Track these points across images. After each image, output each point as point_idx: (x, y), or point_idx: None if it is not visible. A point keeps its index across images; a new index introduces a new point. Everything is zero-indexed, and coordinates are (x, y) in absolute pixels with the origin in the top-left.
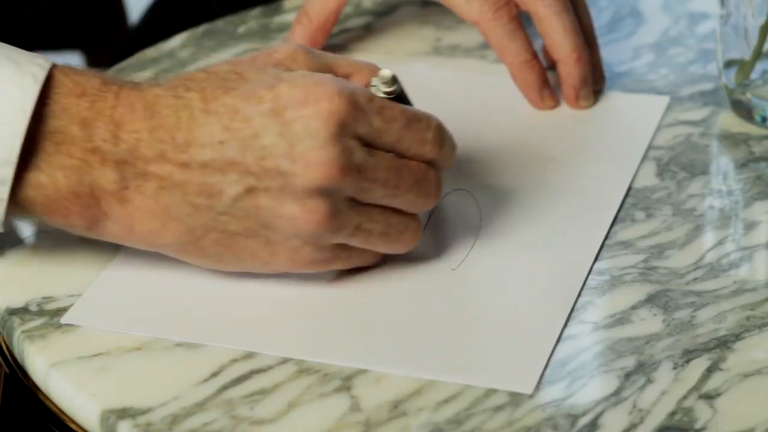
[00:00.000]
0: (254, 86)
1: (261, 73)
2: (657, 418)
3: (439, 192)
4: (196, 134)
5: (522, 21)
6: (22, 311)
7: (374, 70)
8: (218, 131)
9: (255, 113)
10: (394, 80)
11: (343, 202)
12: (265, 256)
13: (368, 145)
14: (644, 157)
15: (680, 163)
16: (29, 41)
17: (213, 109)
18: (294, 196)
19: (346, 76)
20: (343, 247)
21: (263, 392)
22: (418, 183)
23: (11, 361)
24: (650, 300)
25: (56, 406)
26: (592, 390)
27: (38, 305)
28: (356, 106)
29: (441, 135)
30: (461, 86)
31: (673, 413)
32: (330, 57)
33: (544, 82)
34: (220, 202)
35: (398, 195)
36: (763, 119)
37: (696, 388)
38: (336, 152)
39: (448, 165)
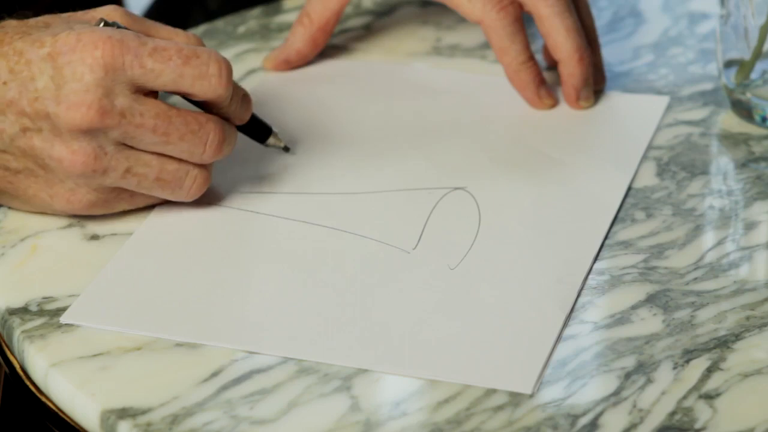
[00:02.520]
0: (44, 33)
1: (62, 24)
2: (657, 418)
3: (220, 143)
4: None
5: (523, 22)
6: (22, 311)
7: (192, 38)
8: (4, 73)
9: (35, 57)
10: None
11: (111, 145)
12: (45, 196)
13: (144, 90)
14: (644, 157)
15: (680, 163)
16: None
17: (4, 52)
18: (61, 138)
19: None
20: (122, 190)
21: (263, 392)
22: (192, 132)
23: (11, 361)
24: (650, 300)
25: (56, 406)
26: (592, 390)
27: (38, 305)
28: (126, 49)
29: (224, 70)
30: (461, 86)
31: (673, 413)
32: (150, 22)
33: (541, 82)
34: (1, 141)
35: (170, 143)
36: (763, 119)
37: (696, 388)
38: (97, 95)
39: (238, 112)
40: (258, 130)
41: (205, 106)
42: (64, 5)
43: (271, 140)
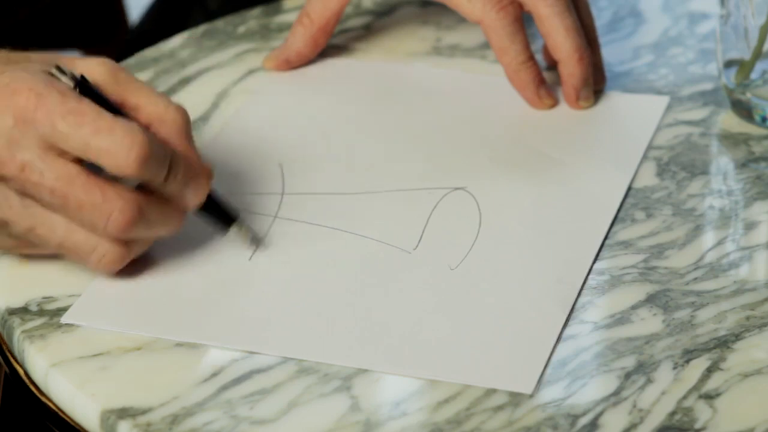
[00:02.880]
0: (0, 68)
1: (34, 62)
2: (657, 418)
3: (128, 222)
4: None
5: (523, 22)
6: (22, 311)
7: (171, 110)
8: None
9: None
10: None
11: (17, 198)
12: None
13: (55, 149)
14: (644, 157)
15: (680, 163)
16: (29, 41)
17: None
18: None
19: (136, 108)
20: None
21: (263, 392)
22: (92, 204)
23: (11, 361)
24: (650, 300)
25: (56, 406)
26: (592, 390)
27: (38, 305)
28: (41, 104)
29: (135, 150)
30: (461, 86)
31: (673, 413)
32: (135, 84)
33: (541, 82)
34: None
35: (68, 209)
36: (763, 119)
37: (696, 388)
38: (1, 143)
39: (180, 195)
40: (219, 216)
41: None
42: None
43: (234, 230)
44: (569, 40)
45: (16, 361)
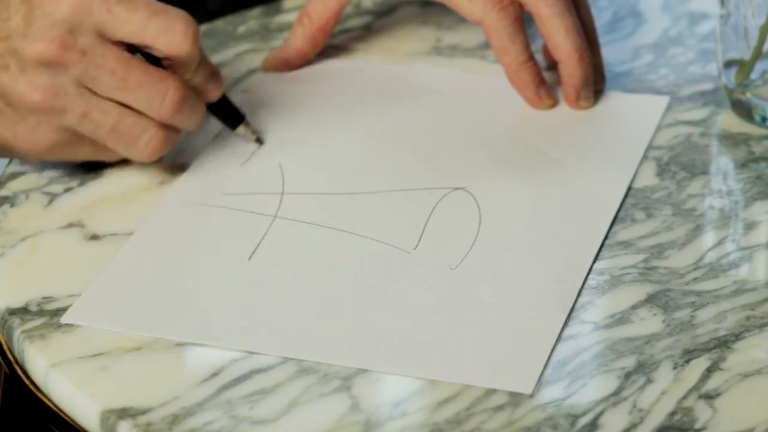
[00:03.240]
0: None
1: None
2: (657, 418)
3: (180, 101)
4: None
5: (523, 22)
6: (22, 311)
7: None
8: None
9: (13, 1)
10: None
11: (71, 84)
12: (9, 136)
13: (110, 37)
14: (644, 157)
15: (680, 163)
16: None
17: None
18: (24, 74)
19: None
20: (83, 136)
21: (263, 392)
22: (151, 82)
23: (11, 361)
24: (650, 300)
25: (56, 406)
26: (592, 390)
27: (38, 305)
28: None
29: (190, 29)
30: (461, 86)
31: (673, 413)
32: None
33: (541, 82)
34: None
35: (127, 89)
36: (763, 119)
37: (696, 388)
38: (61, 31)
39: (205, 85)
40: (229, 114)
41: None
42: None
43: (241, 129)
44: (569, 41)
45: (16, 361)
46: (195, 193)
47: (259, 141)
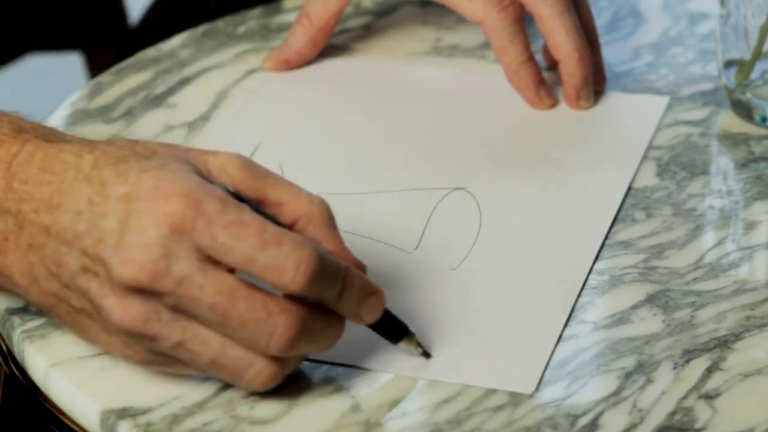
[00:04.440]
0: (134, 166)
1: (163, 159)
2: (657, 418)
3: (291, 339)
4: (66, 198)
5: (523, 22)
6: (22, 311)
7: (316, 204)
8: (83, 201)
9: (114, 193)
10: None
11: (167, 311)
12: (104, 342)
13: (213, 260)
14: (644, 157)
15: (680, 163)
16: (29, 41)
17: (91, 177)
18: (113, 290)
19: (279, 204)
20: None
21: (263, 392)
22: (256, 321)
23: (11, 361)
24: (650, 300)
25: (56, 406)
26: (592, 390)
27: None
28: (200, 213)
29: (303, 267)
30: (461, 86)
31: (673, 413)
32: (273, 177)
33: (541, 82)
34: (64, 274)
35: (228, 326)
36: (763, 119)
37: (696, 388)
38: (156, 255)
39: (353, 310)
40: (388, 330)
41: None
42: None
43: (403, 344)
44: (569, 41)
45: (16, 361)
46: None
47: (426, 355)
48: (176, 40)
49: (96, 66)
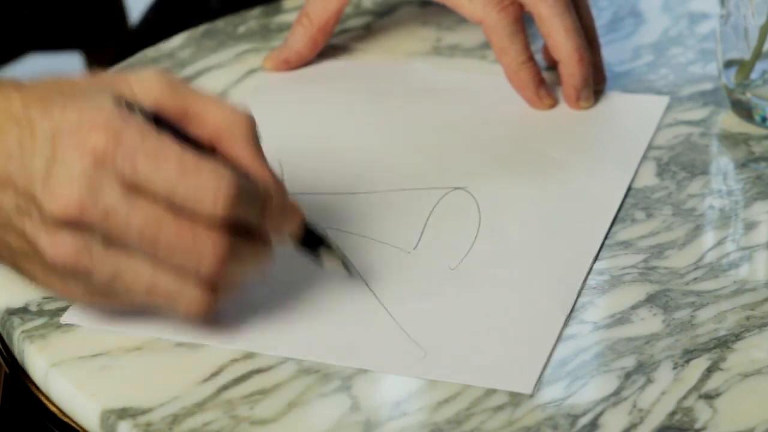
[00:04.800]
0: (59, 101)
1: (88, 89)
2: (657, 418)
3: (220, 261)
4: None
5: (524, 22)
6: (22, 311)
7: (237, 115)
8: (13, 143)
9: (40, 132)
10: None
11: (98, 244)
12: (42, 281)
13: (138, 189)
14: (644, 157)
15: (680, 163)
16: (29, 41)
17: (19, 119)
18: (46, 226)
19: (201, 117)
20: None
21: (263, 392)
22: (185, 244)
23: (11, 361)
24: (650, 300)
25: (56, 406)
26: (592, 390)
27: (38, 305)
28: (120, 144)
29: (223, 190)
30: (461, 86)
31: (673, 413)
32: (193, 92)
33: (541, 82)
34: (1, 216)
35: (158, 252)
36: (763, 119)
37: (696, 388)
38: (80, 188)
39: (273, 226)
40: (307, 244)
41: None
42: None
43: (325, 258)
44: (569, 41)
45: (16, 361)
46: None
47: (348, 267)
48: (176, 40)
49: (96, 66)
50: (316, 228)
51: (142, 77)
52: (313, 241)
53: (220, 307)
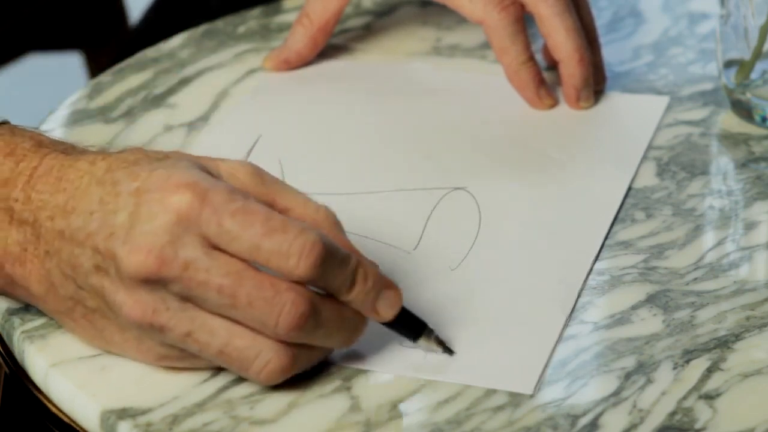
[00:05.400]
0: (146, 166)
1: (176, 159)
2: (657, 418)
3: (300, 316)
4: (80, 202)
5: (524, 22)
6: (22, 311)
7: (322, 211)
8: (95, 202)
9: (124, 190)
10: None
11: (173, 300)
12: (119, 341)
13: (221, 247)
14: (644, 157)
15: (680, 163)
16: (29, 41)
17: (103, 180)
18: (124, 283)
19: (286, 210)
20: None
21: (263, 392)
22: (265, 299)
23: (11, 361)
24: (650, 300)
25: (56, 406)
26: (592, 390)
27: None
28: (207, 202)
29: (308, 252)
30: (461, 86)
31: (673, 413)
32: (281, 185)
33: (541, 82)
34: (79, 275)
35: (237, 306)
36: (763, 119)
37: (696, 388)
38: (163, 241)
39: (367, 305)
40: (408, 326)
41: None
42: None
43: (423, 341)
44: (570, 41)
45: (16, 361)
46: None
47: (449, 352)
48: (176, 40)
49: (96, 66)
50: (414, 313)
51: (230, 163)
52: (411, 324)
53: (299, 370)
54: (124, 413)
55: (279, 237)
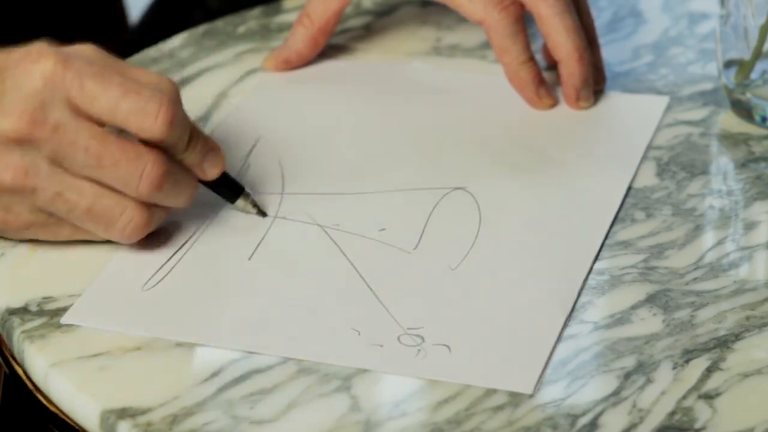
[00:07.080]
0: (4, 52)
1: (32, 44)
2: (657, 418)
3: (159, 177)
4: None
5: (524, 22)
6: (22, 311)
7: (165, 81)
8: None
9: None
10: None
11: (45, 164)
12: None
13: (83, 113)
14: (644, 157)
15: (680, 163)
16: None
17: None
18: None
19: (134, 81)
20: (60, 218)
21: (263, 392)
22: (128, 159)
23: (11, 361)
24: (650, 300)
25: (56, 406)
26: (592, 390)
27: (38, 305)
28: (68, 65)
29: (164, 112)
30: (461, 86)
31: (672, 413)
32: (122, 62)
33: (541, 82)
34: None
35: (102, 167)
36: (763, 119)
37: (696, 388)
38: (32, 105)
39: (198, 163)
40: (227, 188)
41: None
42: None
43: (240, 203)
44: (569, 41)
45: (16, 361)
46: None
47: (262, 214)
48: (176, 40)
49: None
50: (233, 177)
51: (79, 45)
52: (231, 186)
53: (154, 227)
54: (123, 413)
55: (135, 97)
